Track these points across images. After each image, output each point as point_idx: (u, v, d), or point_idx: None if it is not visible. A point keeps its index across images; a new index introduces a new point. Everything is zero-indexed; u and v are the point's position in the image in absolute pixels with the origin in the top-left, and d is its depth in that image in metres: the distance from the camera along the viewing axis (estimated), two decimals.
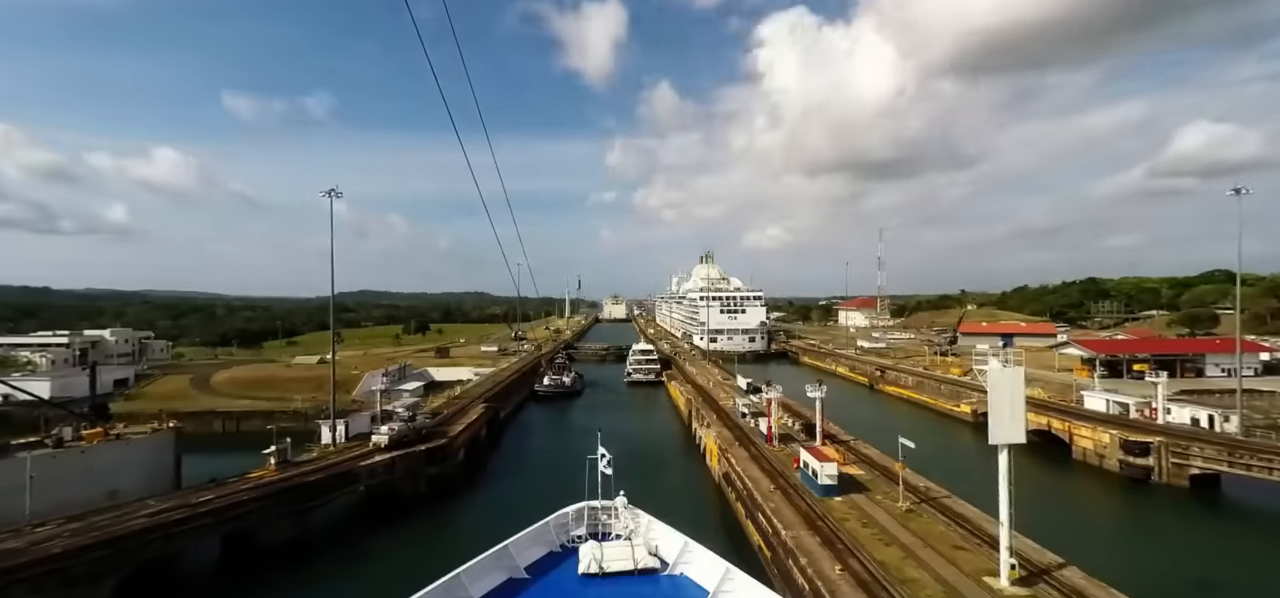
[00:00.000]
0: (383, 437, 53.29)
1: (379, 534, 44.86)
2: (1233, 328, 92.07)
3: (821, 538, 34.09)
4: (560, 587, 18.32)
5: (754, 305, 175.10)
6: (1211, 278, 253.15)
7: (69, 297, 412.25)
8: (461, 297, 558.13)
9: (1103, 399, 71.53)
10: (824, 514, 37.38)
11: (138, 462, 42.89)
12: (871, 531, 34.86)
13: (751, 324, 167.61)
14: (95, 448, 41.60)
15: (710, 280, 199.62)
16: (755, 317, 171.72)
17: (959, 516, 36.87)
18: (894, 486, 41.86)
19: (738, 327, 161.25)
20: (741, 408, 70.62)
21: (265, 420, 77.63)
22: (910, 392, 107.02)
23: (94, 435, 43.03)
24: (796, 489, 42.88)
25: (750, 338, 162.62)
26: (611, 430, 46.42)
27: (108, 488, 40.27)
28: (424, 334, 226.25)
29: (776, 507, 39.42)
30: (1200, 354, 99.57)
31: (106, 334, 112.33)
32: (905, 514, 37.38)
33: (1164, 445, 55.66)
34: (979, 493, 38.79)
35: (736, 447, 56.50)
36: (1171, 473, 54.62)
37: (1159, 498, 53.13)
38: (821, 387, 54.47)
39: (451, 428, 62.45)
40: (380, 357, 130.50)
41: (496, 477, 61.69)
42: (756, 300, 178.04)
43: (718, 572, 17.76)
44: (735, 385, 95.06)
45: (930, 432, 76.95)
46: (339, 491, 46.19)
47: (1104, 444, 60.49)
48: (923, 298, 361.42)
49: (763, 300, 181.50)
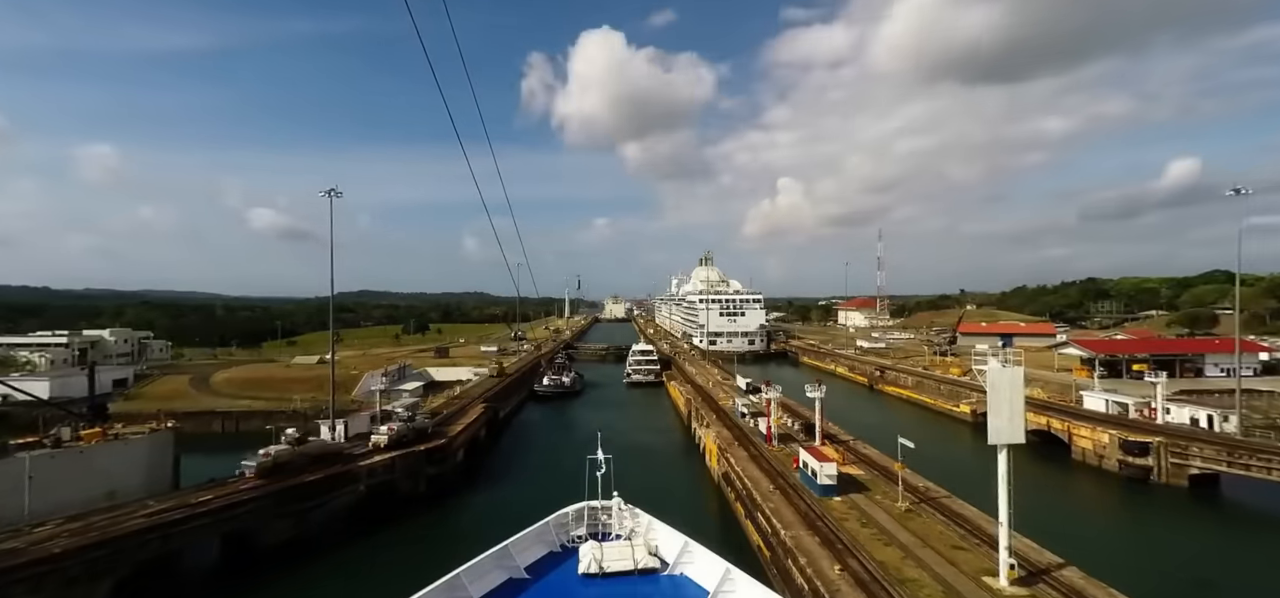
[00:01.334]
0: (382, 436, 52.84)
1: (378, 534, 44.84)
2: (1232, 328, 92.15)
3: (820, 538, 34.09)
4: (560, 587, 18.32)
5: (753, 308, 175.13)
6: (1211, 278, 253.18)
7: (68, 297, 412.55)
8: (461, 297, 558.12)
9: (1102, 399, 71.56)
10: (823, 514, 37.39)
11: (136, 462, 42.82)
12: (871, 530, 34.87)
13: (751, 327, 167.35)
14: (94, 448, 41.50)
15: (709, 282, 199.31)
16: (754, 320, 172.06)
17: (958, 515, 36.88)
18: (893, 485, 41.84)
19: (737, 329, 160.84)
20: (741, 408, 70.65)
21: (265, 420, 77.66)
22: (910, 392, 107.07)
23: (93, 436, 42.92)
24: (796, 489, 42.88)
25: (749, 340, 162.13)
26: (611, 431, 46.51)
27: (106, 488, 40.24)
28: (423, 334, 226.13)
29: (776, 507, 39.42)
30: (1199, 354, 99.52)
31: (106, 334, 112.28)
32: (904, 514, 37.39)
33: (1163, 445, 55.68)
34: (978, 493, 38.83)
35: (736, 447, 56.51)
36: (1171, 473, 54.63)
37: (1158, 498, 53.13)
38: (821, 387, 54.46)
39: (451, 428, 62.41)
40: (380, 357, 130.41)
41: (496, 478, 61.62)
42: (755, 303, 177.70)
43: (718, 572, 17.78)
44: (735, 386, 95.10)
45: (930, 432, 76.93)
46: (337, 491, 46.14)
47: (1103, 444, 60.50)
48: (922, 298, 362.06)
49: (762, 303, 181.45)
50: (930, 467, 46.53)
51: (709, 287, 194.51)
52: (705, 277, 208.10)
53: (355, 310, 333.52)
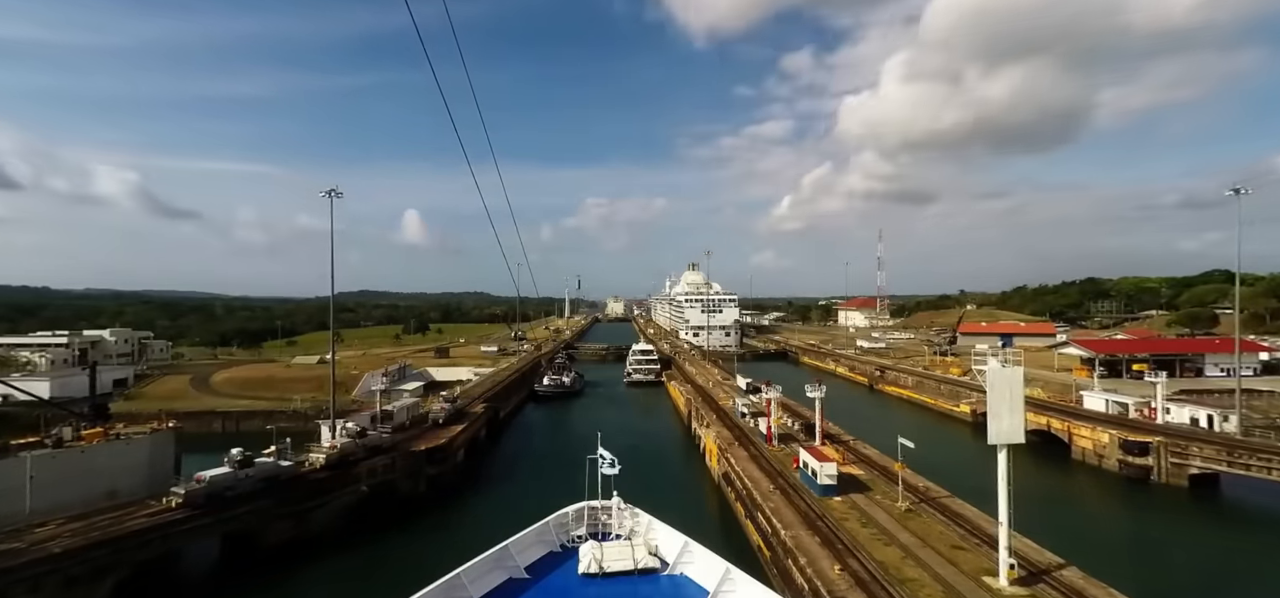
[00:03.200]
0: (320, 455, 47.01)
1: (379, 535, 44.88)
2: (1232, 328, 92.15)
3: (821, 538, 34.12)
4: (560, 587, 18.32)
5: (729, 306, 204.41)
6: (1210, 278, 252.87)
7: (69, 297, 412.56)
8: (462, 297, 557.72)
9: (1102, 399, 71.57)
10: (823, 514, 37.43)
11: (137, 462, 42.73)
12: (871, 530, 34.90)
13: (727, 322, 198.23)
14: (95, 448, 41.42)
15: (694, 286, 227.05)
16: (730, 316, 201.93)
17: (958, 515, 36.92)
18: (893, 485, 41.89)
19: (715, 324, 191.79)
20: (741, 408, 70.67)
21: (265, 420, 77.64)
22: (910, 392, 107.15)
23: (93, 436, 42.84)
24: (796, 489, 42.92)
25: (726, 333, 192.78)
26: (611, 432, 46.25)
27: (107, 488, 40.19)
28: (424, 334, 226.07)
29: (776, 507, 39.46)
30: (1199, 354, 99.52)
31: (106, 334, 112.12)
32: (904, 514, 37.42)
33: (1163, 445, 55.73)
34: (978, 493, 38.80)
35: (736, 447, 56.55)
36: (1171, 473, 54.68)
37: (1158, 498, 53.18)
38: (821, 387, 54.51)
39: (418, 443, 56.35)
40: (380, 357, 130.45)
41: (494, 480, 61.63)
42: (731, 302, 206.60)
43: (717, 572, 17.79)
44: (735, 386, 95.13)
45: (930, 432, 76.98)
46: None
47: (1103, 444, 60.53)
48: (922, 298, 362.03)
49: (737, 302, 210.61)
50: (930, 467, 46.54)
51: (694, 288, 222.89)
52: (691, 280, 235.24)
53: (356, 310, 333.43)
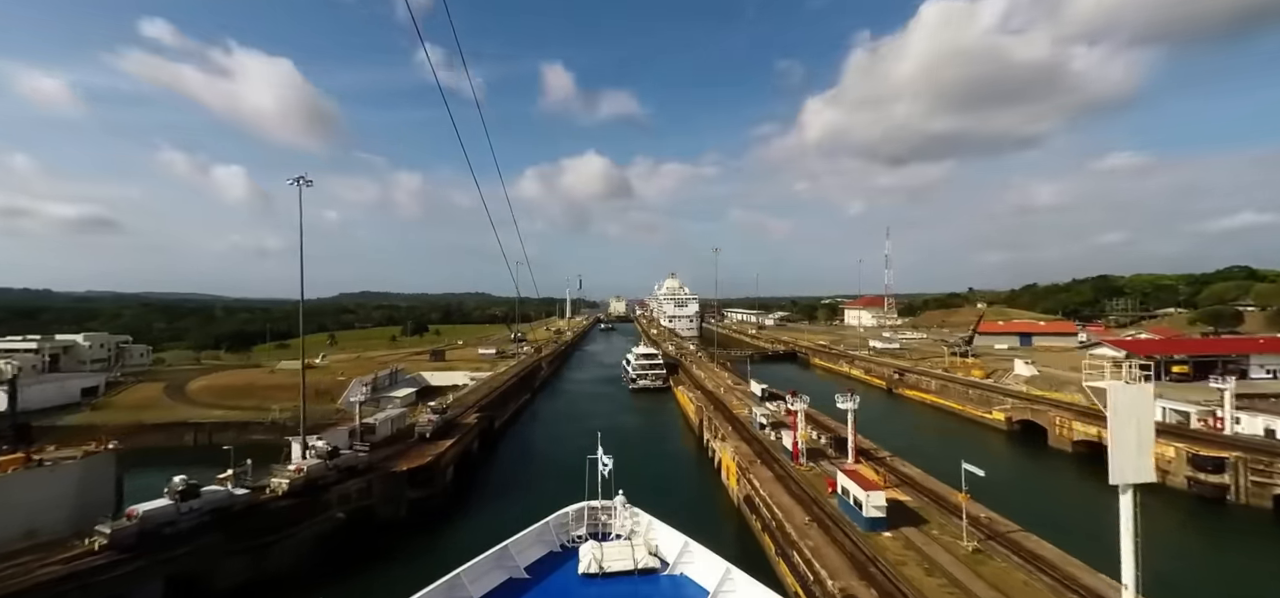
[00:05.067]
0: (283, 481, 40.91)
1: (353, 570, 38.67)
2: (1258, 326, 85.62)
3: (878, 590, 27.82)
4: (560, 587, 18.21)
5: (691, 303, 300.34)
6: (1229, 274, 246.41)
7: (69, 298, 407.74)
8: (463, 297, 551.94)
9: (1158, 407, 64.99)
10: (874, 556, 31.13)
11: (64, 493, 36.43)
12: (938, 580, 28.59)
13: (690, 313, 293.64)
14: (10, 477, 35.22)
15: (671, 288, 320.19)
16: (692, 309, 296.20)
17: (1038, 557, 30.62)
18: (948, 515, 35.74)
19: (682, 314, 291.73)
20: (759, 419, 64.30)
21: (240, 432, 71.67)
22: (933, 396, 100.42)
23: (10, 462, 36.59)
24: (835, 521, 36.61)
25: (690, 320, 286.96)
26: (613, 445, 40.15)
27: (25, 526, 33.98)
28: (422, 336, 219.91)
29: (816, 546, 33.06)
30: (1244, 355, 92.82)
31: (79, 339, 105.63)
32: (973, 556, 31.11)
33: (1241, 461, 49.39)
34: (1040, 520, 35.33)
35: (758, 465, 50.24)
36: (1251, 493, 48.35)
37: (1238, 521, 47.06)
38: (853, 397, 48.64)
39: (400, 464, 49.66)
40: (373, 361, 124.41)
41: (487, 500, 55.31)
42: (693, 299, 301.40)
43: (718, 572, 17.61)
44: (749, 392, 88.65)
45: (960, 443, 70.65)
46: None
47: (1168, 459, 54.05)
48: (929, 296, 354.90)
49: (697, 299, 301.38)
50: (976, 488, 40.09)
51: (671, 290, 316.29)
52: (670, 283, 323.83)
53: (355, 311, 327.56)
